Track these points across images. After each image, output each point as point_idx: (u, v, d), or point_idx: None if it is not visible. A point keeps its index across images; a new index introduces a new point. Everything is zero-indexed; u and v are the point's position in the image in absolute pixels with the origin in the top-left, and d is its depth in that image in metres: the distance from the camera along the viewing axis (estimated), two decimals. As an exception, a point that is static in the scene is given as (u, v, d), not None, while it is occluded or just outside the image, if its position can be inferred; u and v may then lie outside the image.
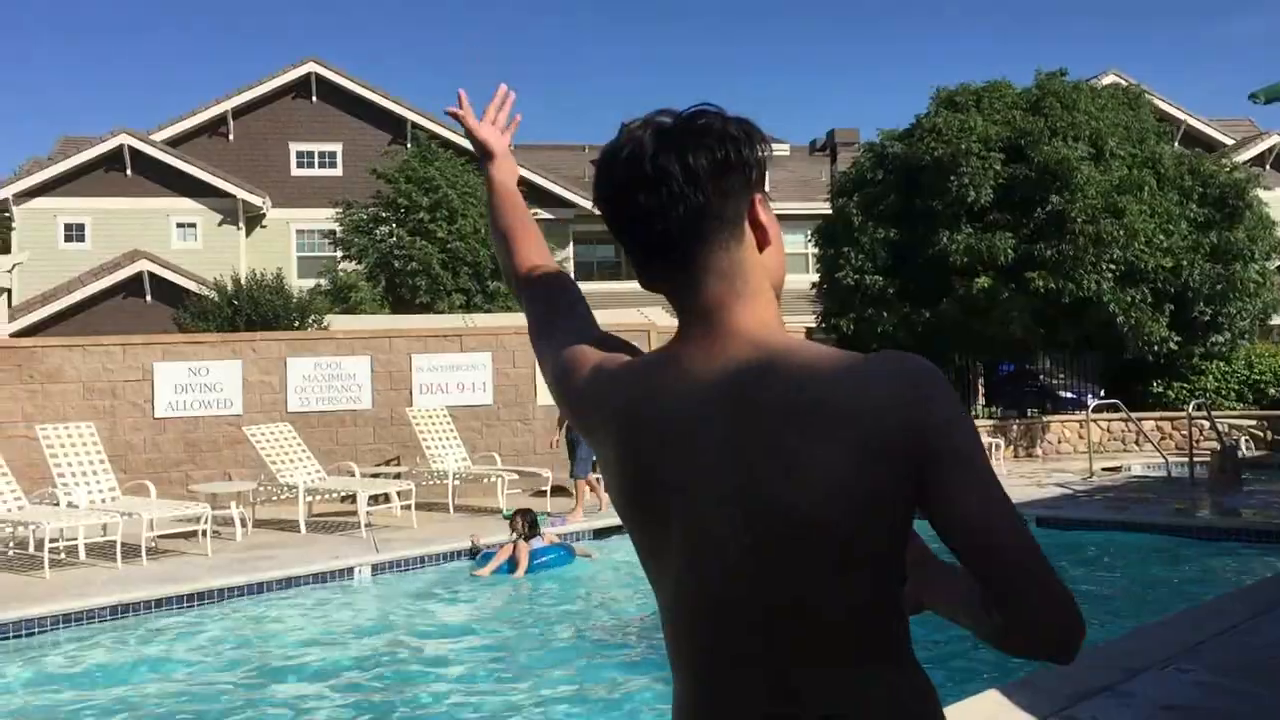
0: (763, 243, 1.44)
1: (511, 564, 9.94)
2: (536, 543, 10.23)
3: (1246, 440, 17.68)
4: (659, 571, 1.44)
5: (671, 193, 1.38)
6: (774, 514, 1.31)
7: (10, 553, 10.47)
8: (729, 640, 1.37)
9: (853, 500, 1.29)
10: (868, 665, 1.36)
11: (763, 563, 1.33)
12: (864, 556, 1.33)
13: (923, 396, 1.31)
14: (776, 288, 1.46)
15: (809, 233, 22.94)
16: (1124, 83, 23.82)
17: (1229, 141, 31.68)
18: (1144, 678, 5.44)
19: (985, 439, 17.81)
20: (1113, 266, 17.67)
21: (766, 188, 1.48)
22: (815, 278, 21.48)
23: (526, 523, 10.28)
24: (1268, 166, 30.55)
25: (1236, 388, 20.18)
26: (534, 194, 27.54)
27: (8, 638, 7.91)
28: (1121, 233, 17.55)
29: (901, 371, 1.33)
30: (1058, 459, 18.15)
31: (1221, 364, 20.15)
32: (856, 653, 1.36)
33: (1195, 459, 14.53)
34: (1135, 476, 15.75)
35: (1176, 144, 23.91)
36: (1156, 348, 18.39)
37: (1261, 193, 19.85)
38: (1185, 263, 18.19)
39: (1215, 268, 18.54)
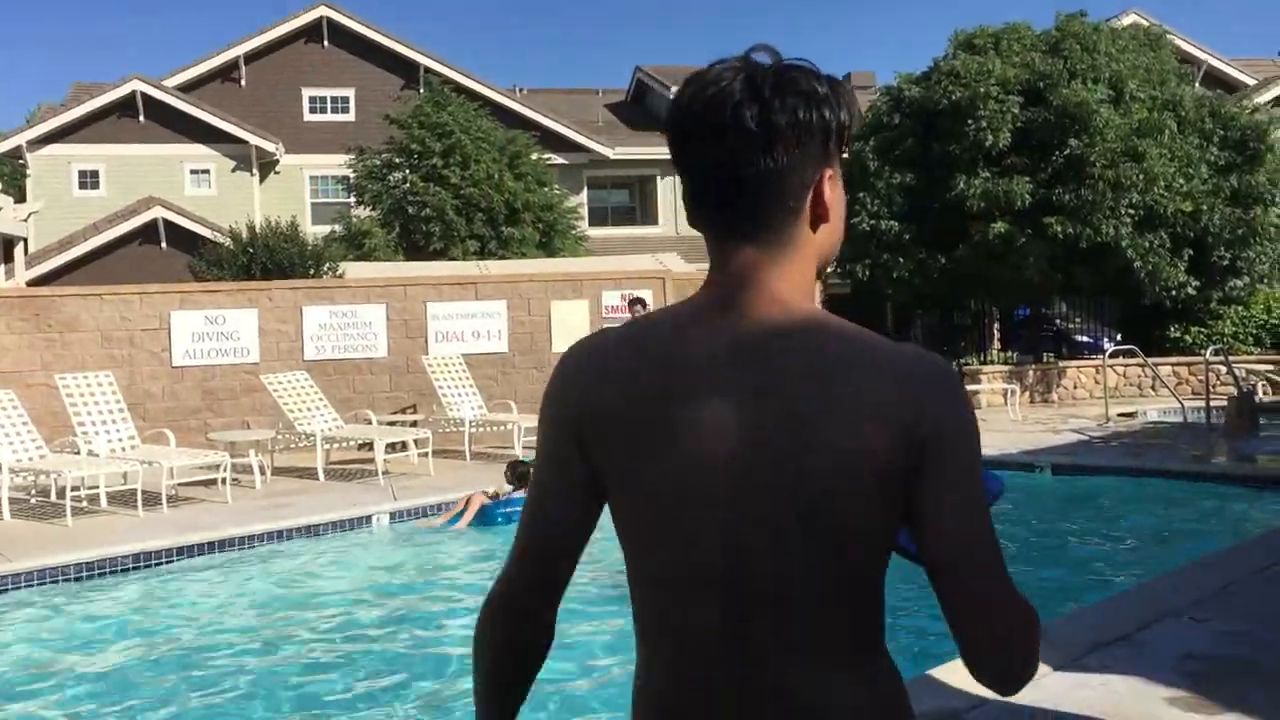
0: (819, 220, 1.37)
1: (461, 515, 9.91)
2: (519, 494, 10.03)
3: (1263, 385, 17.61)
4: (646, 535, 1.37)
5: (743, 149, 1.31)
6: (784, 481, 1.28)
7: (33, 501, 10.58)
8: (711, 617, 1.33)
9: (862, 476, 1.27)
10: (851, 657, 1.34)
11: (765, 533, 1.30)
12: (862, 540, 1.31)
13: (945, 395, 1.30)
14: (823, 264, 1.40)
15: (824, 177, 22.75)
16: (1145, 23, 23.47)
17: (1251, 82, 31.22)
18: (1160, 627, 5.47)
19: (1001, 385, 17.80)
20: (1131, 211, 17.51)
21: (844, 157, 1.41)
22: (831, 223, 21.36)
23: (514, 475, 10.13)
24: (1290, 108, 30.12)
25: (1254, 332, 20.08)
26: (547, 139, 27.38)
27: (32, 585, 8.01)
28: (1141, 177, 17.37)
29: (928, 366, 1.32)
30: (1073, 404, 18.13)
31: (1240, 309, 20.03)
32: (843, 643, 1.34)
33: (1212, 404, 14.50)
34: (1151, 422, 15.73)
35: (1197, 85, 23.58)
36: (1174, 293, 18.28)
37: (1283, 135, 19.61)
38: (1205, 207, 18.02)
39: (1235, 212, 18.36)
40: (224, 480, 10.68)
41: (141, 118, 26.73)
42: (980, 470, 1.32)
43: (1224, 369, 15.81)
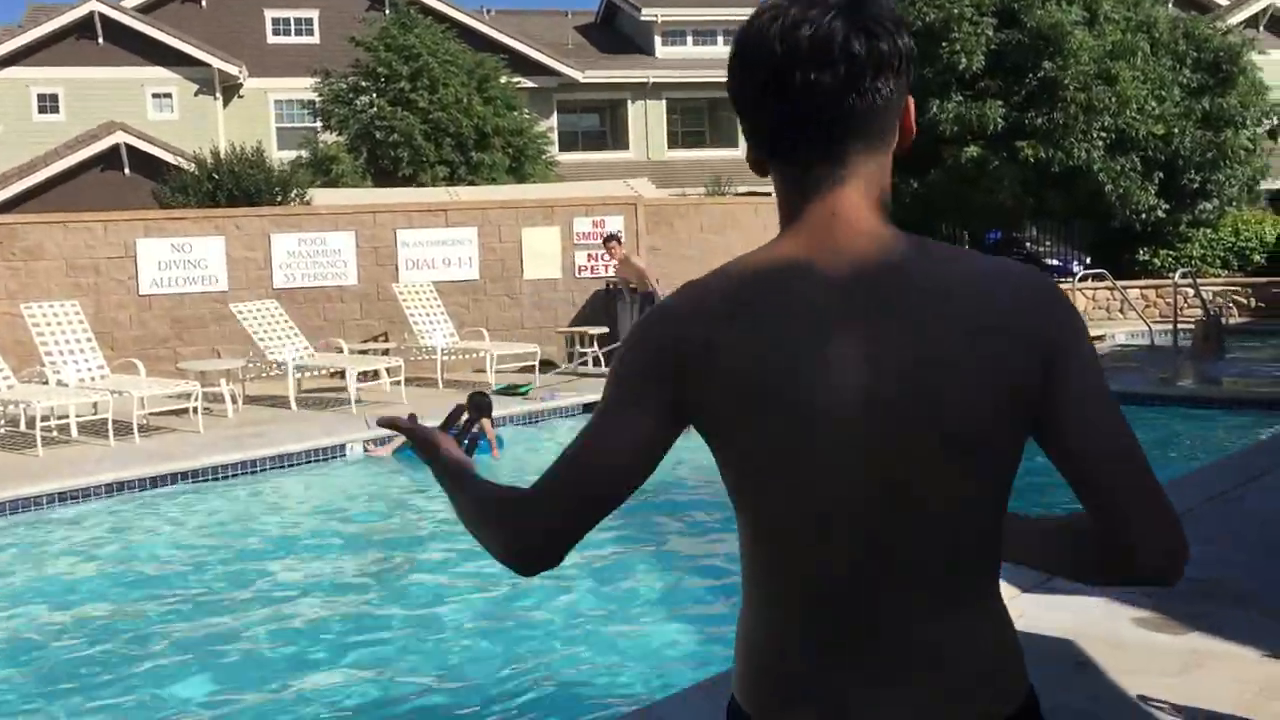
0: (905, 147, 1.38)
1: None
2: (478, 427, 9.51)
3: (1230, 307, 17.78)
4: (768, 481, 1.33)
5: (854, 82, 1.29)
6: (921, 411, 1.26)
7: (2, 431, 10.50)
8: (840, 558, 1.31)
9: (998, 393, 1.26)
10: (978, 593, 1.35)
11: (907, 466, 1.27)
12: (992, 475, 1.31)
13: (1060, 314, 1.30)
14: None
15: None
16: (1120, -58, 23.23)
17: (1224, 2, 31.11)
18: (1127, 548, 5.55)
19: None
20: (1103, 135, 17.50)
21: None
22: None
23: (473, 406, 9.36)
24: (1261, 28, 30.08)
25: (1222, 254, 20.21)
26: (516, 62, 26.99)
27: (4, 514, 7.98)
28: (1113, 100, 17.34)
29: (1041, 284, 1.32)
30: (1043, 328, 18.22)
31: (1208, 231, 20.13)
32: (971, 578, 1.34)
33: (1179, 327, 14.64)
34: (1119, 345, 15.87)
35: (1171, 6, 23.47)
36: (1144, 216, 18.34)
37: (1255, 57, 19.58)
38: (1176, 130, 18.02)
39: (1206, 134, 18.38)
40: (195, 409, 10.63)
41: (100, 39, 26.16)
42: (1102, 369, 1.32)
43: (1191, 292, 15.94)
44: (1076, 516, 1.35)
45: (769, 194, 12.86)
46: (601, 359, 13.76)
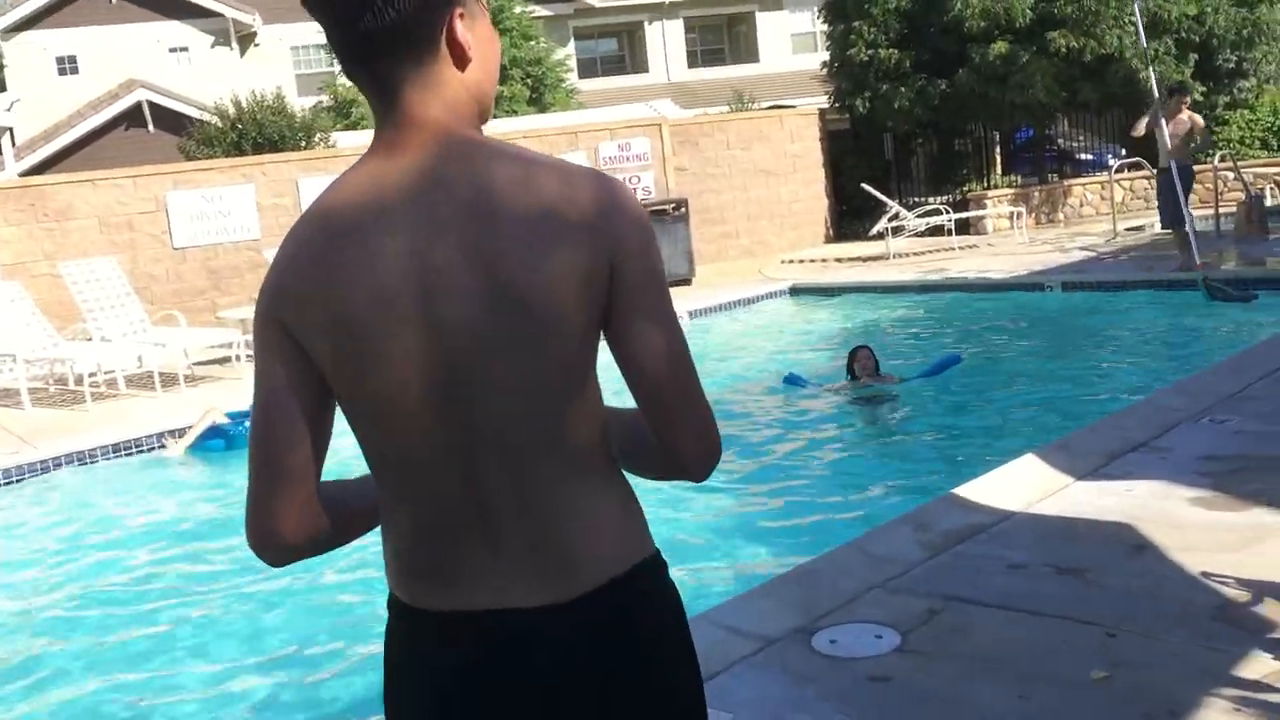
0: (460, 62, 1.40)
1: None
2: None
3: (1272, 188, 17.40)
4: (358, 398, 1.43)
5: (367, 6, 1.35)
6: (481, 305, 1.32)
7: (52, 389, 10.65)
8: (437, 450, 1.39)
9: (555, 295, 1.32)
10: (574, 474, 1.41)
11: (470, 359, 1.34)
12: (558, 358, 1.36)
13: (629, 219, 1.36)
14: (483, 105, 1.45)
15: (816, 9, 22.11)
16: None
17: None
18: (1179, 431, 5.51)
19: (1006, 208, 17.60)
20: (1135, 19, 17.06)
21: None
22: (826, 57, 20.88)
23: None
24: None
25: (1261, 135, 19.74)
26: (530, -11, 26.62)
27: (60, 467, 8.10)
28: (1144, -19, 16.88)
29: (605, 185, 1.38)
30: (1080, 223, 17.98)
31: (1246, 112, 19.66)
32: (566, 460, 1.40)
33: (1220, 211, 14.36)
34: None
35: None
36: (1180, 101, 17.92)
37: (1288, -74, 18.96)
38: (1209, 9, 17.54)
39: (1240, 12, 17.88)
40: (238, 357, 10.71)
41: (113, -3, 26.03)
42: (665, 279, 1.40)
43: (1232, 175, 15.61)
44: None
45: (794, 106, 12.84)
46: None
